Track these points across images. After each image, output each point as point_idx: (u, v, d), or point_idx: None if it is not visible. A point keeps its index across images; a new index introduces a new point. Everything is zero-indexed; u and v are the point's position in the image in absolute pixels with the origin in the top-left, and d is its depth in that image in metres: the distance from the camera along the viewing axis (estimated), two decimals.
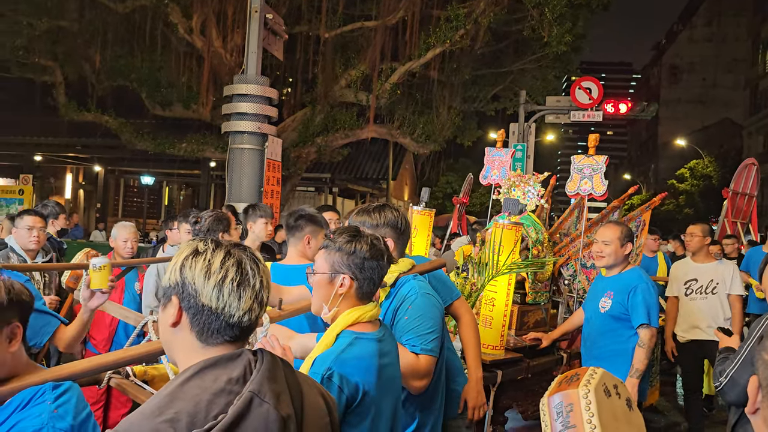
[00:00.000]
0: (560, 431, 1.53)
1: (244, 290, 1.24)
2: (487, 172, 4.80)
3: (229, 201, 8.27)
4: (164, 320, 1.28)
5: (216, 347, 1.24)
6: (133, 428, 1.11)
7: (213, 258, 1.24)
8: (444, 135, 14.95)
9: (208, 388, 1.15)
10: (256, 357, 1.24)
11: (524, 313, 4.14)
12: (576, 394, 1.55)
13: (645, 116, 16.71)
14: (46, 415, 1.42)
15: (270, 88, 8.67)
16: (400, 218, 2.43)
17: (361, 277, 1.82)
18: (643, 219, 4.57)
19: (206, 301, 1.22)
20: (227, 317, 1.23)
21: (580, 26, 14.63)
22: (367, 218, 2.42)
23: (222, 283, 1.22)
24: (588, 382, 1.61)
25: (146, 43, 13.69)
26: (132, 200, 23.91)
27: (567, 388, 1.59)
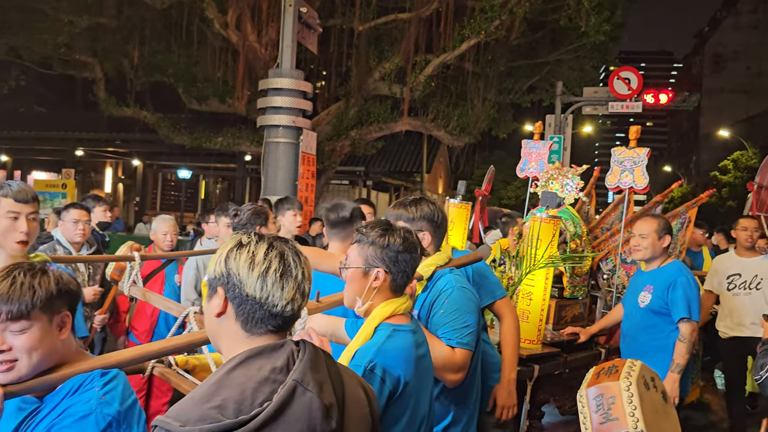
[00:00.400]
0: (601, 423, 1.51)
1: (286, 281, 1.27)
2: (525, 165, 4.74)
3: (265, 194, 8.36)
4: (210, 310, 1.32)
5: (260, 337, 1.28)
6: (183, 414, 1.14)
7: (257, 250, 1.28)
8: (479, 127, 14.82)
9: (253, 376, 1.19)
10: (298, 347, 1.28)
11: (562, 307, 4.09)
12: (617, 386, 1.53)
13: (686, 107, 16.29)
14: (95, 401, 1.47)
15: (304, 81, 8.72)
16: (436, 211, 2.42)
17: (395, 270, 1.83)
18: (689, 216, 4.45)
19: (250, 292, 1.26)
20: (270, 307, 1.26)
21: (618, 15, 14.32)
22: (403, 211, 2.42)
23: (266, 273, 1.26)
24: (629, 375, 1.58)
25: (183, 39, 13.90)
26: (170, 194, 24.35)
27: (606, 380, 1.56)
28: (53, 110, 21.81)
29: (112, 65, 14.69)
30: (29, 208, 2.33)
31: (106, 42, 14.32)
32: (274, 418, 1.14)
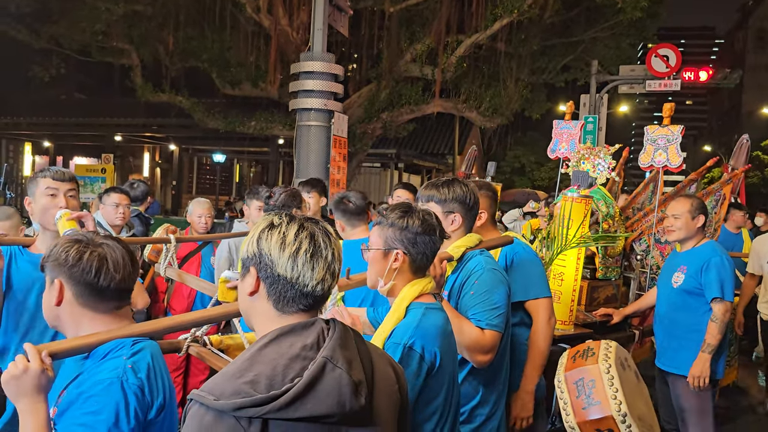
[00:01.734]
0: (583, 408, 1.49)
1: (317, 261, 1.30)
2: (555, 146, 4.70)
3: (297, 177, 8.43)
4: (243, 289, 1.36)
5: (291, 315, 1.32)
6: (217, 388, 1.18)
7: (287, 231, 1.31)
8: (511, 108, 14.64)
9: (284, 353, 1.23)
10: (328, 326, 1.31)
11: (594, 288, 4.07)
12: (597, 369, 1.52)
13: (727, 84, 15.82)
14: (121, 368, 1.53)
15: (336, 64, 8.72)
16: (468, 193, 2.41)
17: (414, 252, 1.87)
18: (724, 193, 4.36)
19: (282, 271, 1.29)
20: (302, 286, 1.30)
21: None
22: (435, 192, 2.42)
23: (296, 254, 1.29)
24: (607, 357, 1.57)
25: (216, 24, 14.03)
26: (205, 177, 24.74)
27: (584, 363, 1.55)
28: (92, 97, 22.31)
29: (148, 52, 14.92)
30: (67, 185, 2.43)
31: (142, 29, 14.54)
32: (305, 393, 1.17)
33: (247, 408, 1.14)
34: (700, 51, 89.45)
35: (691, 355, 3.43)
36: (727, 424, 5.01)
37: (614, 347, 1.60)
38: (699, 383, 3.39)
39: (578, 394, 1.53)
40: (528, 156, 31.73)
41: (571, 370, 1.58)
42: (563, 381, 1.58)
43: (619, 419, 1.46)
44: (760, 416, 5.43)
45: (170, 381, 1.69)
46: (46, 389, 1.47)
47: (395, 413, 1.41)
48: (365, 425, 1.27)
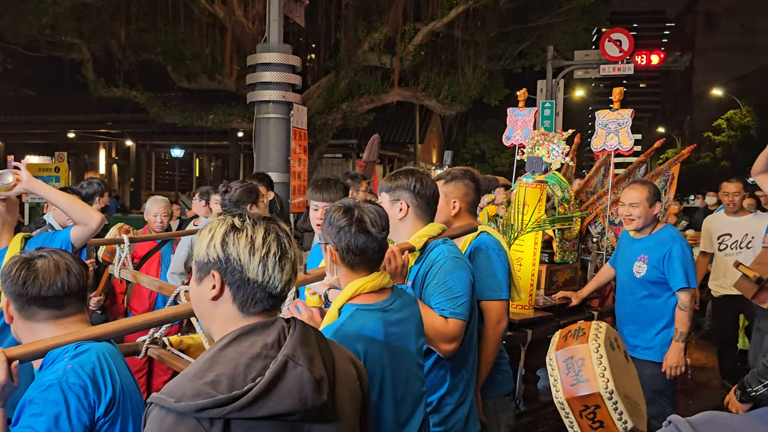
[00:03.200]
0: (572, 385, 1.55)
1: (285, 262, 1.32)
2: (510, 133, 4.76)
3: (258, 171, 8.35)
4: (201, 294, 1.33)
5: (254, 316, 1.32)
6: (177, 390, 1.18)
7: (255, 234, 1.31)
8: (470, 95, 14.74)
9: (245, 352, 1.23)
10: (289, 324, 1.31)
11: (553, 272, 4.14)
12: (587, 348, 1.58)
13: (678, 67, 16.21)
14: (61, 371, 1.56)
15: (293, 55, 8.64)
16: (415, 181, 2.41)
17: (339, 247, 1.88)
18: (672, 173, 4.49)
19: (252, 276, 1.29)
20: (272, 289, 1.31)
21: None
22: (385, 183, 2.48)
23: (266, 257, 1.30)
24: (597, 337, 1.63)
25: (169, 16, 13.73)
26: (164, 173, 24.31)
27: (575, 342, 1.61)
28: (42, 93, 21.63)
29: (99, 45, 14.52)
30: None
31: (92, 22, 14.14)
32: (267, 392, 1.17)
33: (209, 409, 1.14)
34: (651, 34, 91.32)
35: (658, 340, 3.51)
36: (682, 399, 5.18)
37: (604, 328, 1.68)
38: (675, 372, 3.46)
39: (568, 372, 1.60)
40: (488, 142, 31.99)
41: (561, 348, 1.64)
42: (554, 359, 1.65)
43: (606, 396, 1.53)
44: (715, 389, 5.63)
45: (128, 378, 1.68)
46: (6, 397, 1.46)
47: (357, 409, 1.42)
48: (327, 422, 1.27)
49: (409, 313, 1.96)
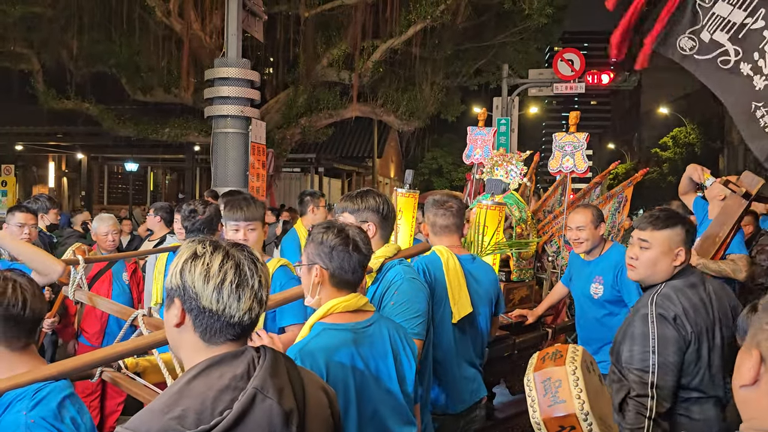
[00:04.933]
0: (549, 405, 1.60)
1: (243, 291, 1.27)
2: (470, 152, 4.85)
3: (215, 186, 8.25)
4: (169, 321, 1.32)
5: (220, 346, 1.29)
6: (143, 426, 1.15)
7: (212, 261, 1.27)
8: (428, 111, 14.93)
9: (213, 385, 1.20)
10: (258, 353, 1.29)
11: (510, 290, 4.22)
12: (564, 371, 1.63)
13: (627, 86, 16.79)
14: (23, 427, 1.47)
15: (251, 70, 8.60)
16: (382, 203, 2.45)
17: (332, 266, 1.88)
18: (626, 195, 4.64)
19: (207, 304, 1.26)
20: (228, 318, 1.27)
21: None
22: (349, 203, 2.47)
23: (221, 285, 1.26)
24: (573, 360, 1.68)
25: (124, 28, 13.48)
26: (117, 187, 23.74)
27: (552, 365, 1.66)
28: None
29: (50, 56, 14.16)
30: None
31: (43, 32, 13.78)
32: (234, 426, 1.15)
33: None
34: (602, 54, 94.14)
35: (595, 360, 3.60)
36: None
37: (581, 351, 1.72)
38: None
39: (545, 393, 1.63)
40: (445, 157, 32.42)
41: (539, 370, 1.67)
42: (532, 380, 1.67)
43: (582, 417, 1.57)
44: None
45: (87, 417, 1.63)
46: None
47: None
48: None
49: (387, 339, 1.96)
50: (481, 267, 3.09)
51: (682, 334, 2.22)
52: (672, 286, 2.31)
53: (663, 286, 2.32)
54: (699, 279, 2.38)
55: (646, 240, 2.35)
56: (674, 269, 2.34)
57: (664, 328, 2.21)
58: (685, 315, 2.24)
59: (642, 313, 2.29)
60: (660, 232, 2.33)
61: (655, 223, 2.35)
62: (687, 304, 2.26)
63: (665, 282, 2.34)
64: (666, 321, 2.22)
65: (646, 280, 2.41)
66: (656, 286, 2.35)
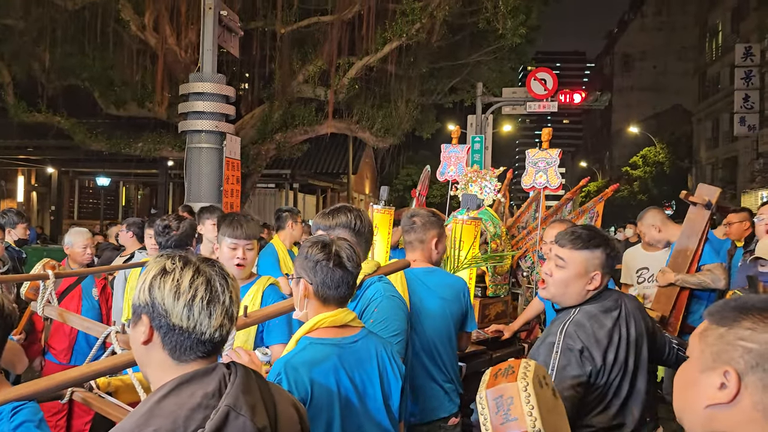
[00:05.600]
0: (501, 424, 1.58)
1: (214, 307, 1.25)
2: (444, 169, 4.89)
3: (188, 201, 8.18)
4: (136, 338, 1.29)
5: (189, 363, 1.26)
6: None
7: (182, 277, 1.25)
8: (403, 128, 15.02)
9: (184, 403, 1.18)
10: (230, 370, 1.27)
11: (486, 306, 4.24)
12: (515, 387, 1.61)
13: (598, 105, 17.09)
14: None
15: (227, 86, 8.58)
16: (354, 219, 2.44)
17: (316, 281, 1.89)
18: (597, 210, 4.71)
19: (176, 321, 1.24)
20: (199, 335, 1.25)
21: (533, 18, 14.87)
22: (321, 220, 2.46)
23: (192, 302, 1.24)
24: (525, 375, 1.67)
25: (97, 41, 13.35)
26: (88, 201, 23.34)
27: (504, 381, 1.64)
28: None
29: (21, 69, 13.94)
30: None
31: (14, 44, 13.58)
32: None
33: None
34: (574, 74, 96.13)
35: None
36: None
37: (533, 366, 1.64)
38: None
39: (497, 411, 1.57)
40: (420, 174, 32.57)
41: (492, 387, 1.61)
42: (484, 398, 1.60)
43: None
44: None
45: None
46: None
47: None
48: None
49: (374, 356, 1.95)
50: (444, 280, 3.03)
51: (587, 369, 2.06)
52: (586, 312, 2.15)
53: (577, 312, 2.16)
54: (614, 302, 2.21)
55: (562, 258, 2.20)
56: (587, 293, 2.19)
57: (565, 362, 2.05)
58: (596, 345, 2.08)
59: (549, 342, 2.12)
60: (578, 252, 2.18)
61: (575, 241, 2.19)
62: (600, 333, 2.11)
63: (579, 307, 2.18)
64: (571, 354, 2.06)
65: (556, 299, 2.27)
66: (569, 312, 2.19)
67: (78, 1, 12.63)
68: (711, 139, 34.38)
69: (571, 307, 2.20)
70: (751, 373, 1.01)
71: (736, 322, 1.05)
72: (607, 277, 2.20)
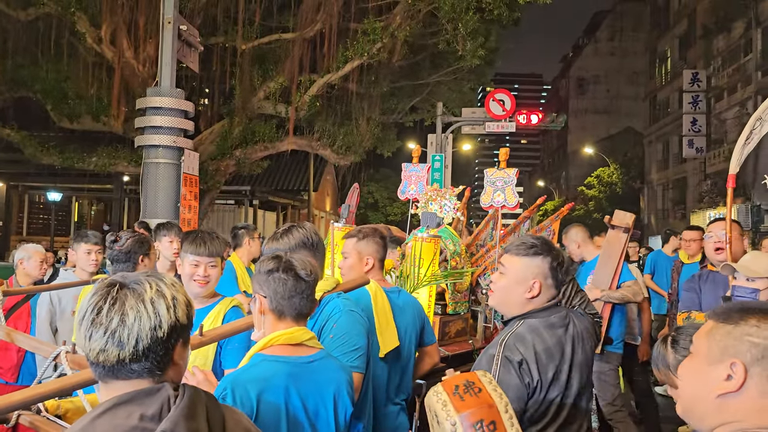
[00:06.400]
0: None
1: (96, 329, 1.19)
2: (405, 187, 4.91)
3: (144, 217, 8.00)
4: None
5: (127, 381, 1.21)
6: None
7: (89, 299, 1.23)
8: (364, 146, 15.10)
9: (119, 425, 1.12)
10: (176, 392, 1.21)
11: (446, 323, 4.25)
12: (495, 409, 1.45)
13: (555, 127, 17.50)
14: None
15: (185, 101, 8.47)
16: (309, 234, 2.43)
17: (269, 292, 1.86)
18: (553, 228, 4.81)
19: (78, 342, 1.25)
20: (92, 358, 1.21)
21: (492, 40, 15.18)
22: (275, 244, 2.40)
23: (81, 323, 1.22)
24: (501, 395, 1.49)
25: (51, 53, 13.06)
26: (38, 217, 22.62)
27: (476, 401, 1.45)
28: None
29: None
30: None
31: None
32: None
33: None
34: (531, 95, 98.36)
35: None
36: None
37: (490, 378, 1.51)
38: None
39: None
40: (381, 192, 32.72)
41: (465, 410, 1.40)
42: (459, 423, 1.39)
43: None
44: None
45: None
46: None
47: None
48: None
49: (330, 379, 1.91)
50: (406, 299, 3.12)
51: (526, 382, 2.00)
52: (529, 325, 2.09)
53: (520, 324, 2.11)
54: (561, 319, 2.15)
55: (503, 265, 2.19)
56: (527, 302, 2.13)
57: (506, 373, 1.99)
58: (535, 359, 2.02)
59: (489, 353, 2.07)
60: (518, 258, 2.14)
61: (517, 249, 2.16)
62: (540, 348, 2.04)
63: (523, 319, 2.13)
64: (510, 365, 2.00)
65: (499, 307, 2.25)
66: (513, 324, 2.13)
67: (31, 12, 12.35)
68: (661, 161, 35.55)
69: (516, 319, 2.15)
70: (757, 364, 1.13)
71: (742, 320, 1.18)
72: (550, 289, 2.14)
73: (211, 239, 2.75)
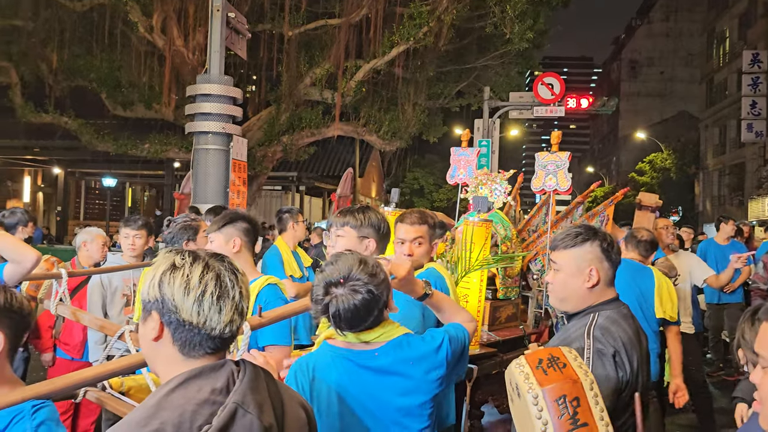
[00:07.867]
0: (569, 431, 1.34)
1: (224, 303, 1.24)
2: (454, 172, 4.86)
3: (195, 202, 8.18)
4: (146, 335, 1.28)
5: (198, 359, 1.25)
6: None
7: (191, 273, 1.24)
8: (410, 132, 15.03)
9: (192, 398, 1.17)
10: (238, 367, 1.26)
11: (496, 308, 4.21)
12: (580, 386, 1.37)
13: (605, 111, 17.05)
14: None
15: (234, 87, 8.59)
16: (382, 221, 2.51)
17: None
18: (607, 214, 4.69)
19: (187, 317, 1.22)
20: (209, 330, 1.24)
21: (541, 23, 14.83)
22: (351, 219, 2.47)
23: (202, 297, 1.22)
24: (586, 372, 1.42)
25: (105, 42, 13.43)
26: (94, 202, 23.42)
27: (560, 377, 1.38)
28: None
29: (29, 69, 14.02)
30: None
31: (22, 45, 13.66)
32: None
33: None
34: (581, 79, 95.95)
35: None
36: None
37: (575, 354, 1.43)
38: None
39: (561, 415, 1.34)
40: (426, 178, 32.58)
41: (548, 384, 1.35)
42: (541, 397, 1.34)
43: None
44: None
45: None
46: None
47: None
48: None
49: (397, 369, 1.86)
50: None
51: (619, 375, 1.87)
52: (607, 316, 1.98)
53: (597, 317, 1.98)
54: (628, 309, 2.06)
55: (555, 261, 2.09)
56: (589, 292, 2.02)
57: (601, 367, 1.85)
58: (625, 351, 1.91)
59: (576, 348, 1.85)
60: (567, 251, 2.04)
61: (564, 242, 2.06)
62: (625, 339, 1.93)
63: (596, 311, 2.01)
64: (605, 358, 1.87)
65: (561, 305, 2.12)
66: (587, 317, 2.00)
67: (86, 3, 12.70)
68: (718, 146, 34.24)
69: (586, 312, 2.02)
70: None
71: None
72: (608, 271, 2.03)
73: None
